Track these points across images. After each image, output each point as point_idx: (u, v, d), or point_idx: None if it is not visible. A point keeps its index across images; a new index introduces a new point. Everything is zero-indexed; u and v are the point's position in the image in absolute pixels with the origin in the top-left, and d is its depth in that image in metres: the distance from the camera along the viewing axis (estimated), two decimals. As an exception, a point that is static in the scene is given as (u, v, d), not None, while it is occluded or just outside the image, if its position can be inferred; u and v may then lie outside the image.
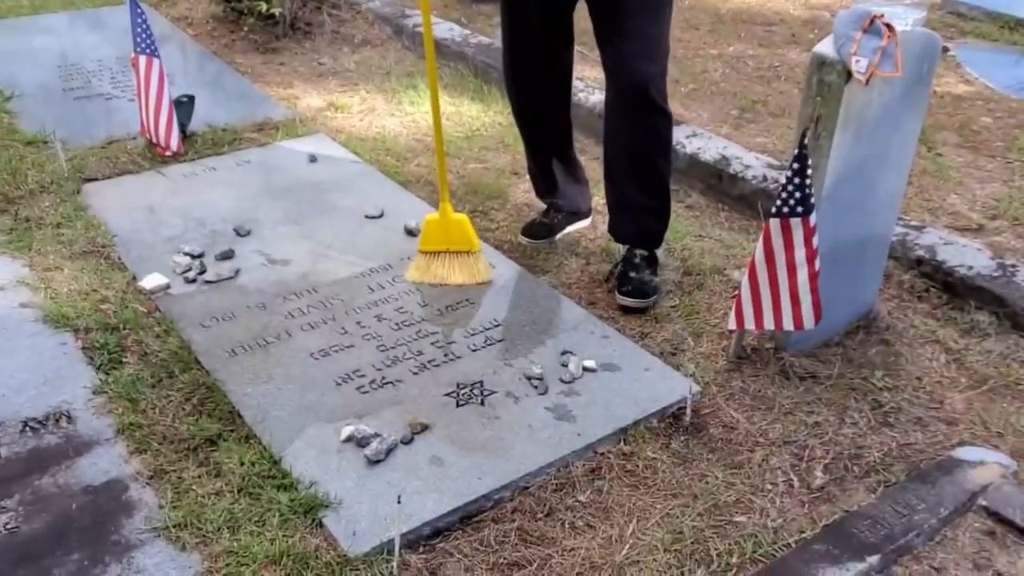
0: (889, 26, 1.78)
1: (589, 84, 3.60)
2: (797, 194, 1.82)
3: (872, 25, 1.78)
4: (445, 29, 4.21)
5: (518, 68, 2.44)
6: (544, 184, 2.65)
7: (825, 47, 1.84)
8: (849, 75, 1.81)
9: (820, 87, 1.85)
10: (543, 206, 2.72)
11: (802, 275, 1.92)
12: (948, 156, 3.32)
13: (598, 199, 2.84)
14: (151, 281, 2.34)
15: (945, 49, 4.62)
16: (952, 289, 2.37)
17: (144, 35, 2.92)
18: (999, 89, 4.09)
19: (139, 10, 2.91)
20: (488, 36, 4.34)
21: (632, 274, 2.35)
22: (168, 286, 2.34)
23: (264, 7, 4.13)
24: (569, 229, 2.70)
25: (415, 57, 4.19)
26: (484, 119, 3.55)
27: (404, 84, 3.84)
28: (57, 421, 1.87)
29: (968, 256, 2.41)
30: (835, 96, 1.84)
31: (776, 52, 4.46)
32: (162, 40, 3.93)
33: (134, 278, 2.37)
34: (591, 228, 2.74)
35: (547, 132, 2.54)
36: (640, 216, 2.38)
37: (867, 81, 1.80)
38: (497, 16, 4.80)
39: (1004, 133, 3.56)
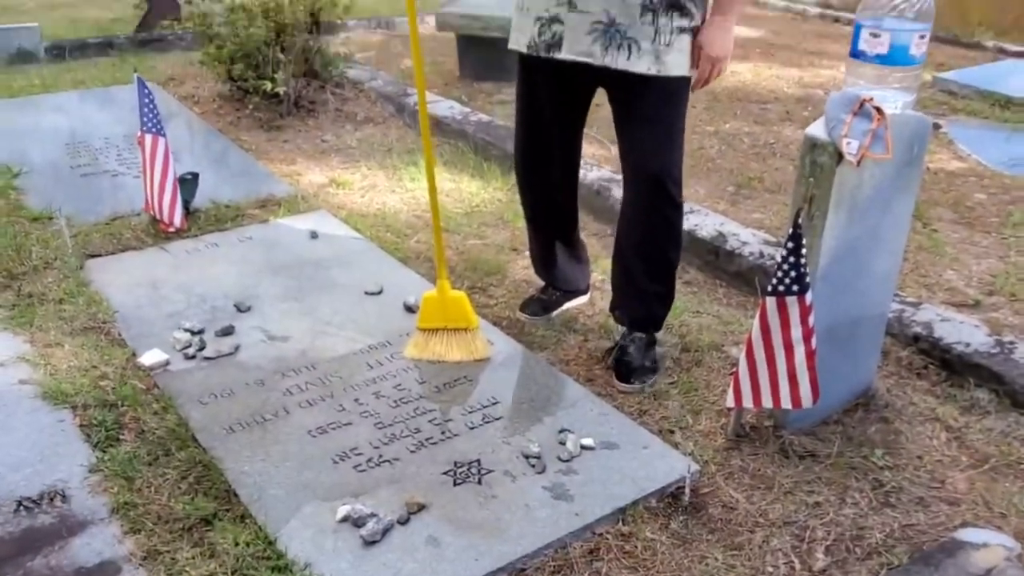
0: (879, 109, 1.82)
1: (588, 161, 3.66)
2: (792, 273, 1.84)
3: (862, 108, 1.83)
4: (446, 107, 4.30)
5: (530, 166, 2.49)
6: (545, 264, 2.67)
7: (817, 129, 1.89)
8: (841, 157, 1.85)
9: (813, 168, 1.89)
10: (541, 282, 2.74)
11: (799, 354, 1.93)
12: (943, 232, 3.35)
13: (596, 275, 2.86)
14: (150, 358, 2.35)
15: (937, 126, 4.71)
16: (950, 366, 2.37)
17: (150, 114, 2.99)
18: (991, 165, 4.15)
19: (146, 90, 2.98)
20: (488, 114, 4.43)
21: (631, 356, 2.37)
22: (167, 362, 2.35)
23: (269, 86, 4.23)
24: (567, 306, 2.72)
25: (416, 134, 4.28)
26: (483, 195, 3.60)
27: (405, 161, 3.91)
28: (51, 500, 1.85)
29: (965, 333, 2.41)
30: (827, 177, 1.87)
31: (771, 129, 4.55)
32: (169, 118, 4.03)
33: (134, 354, 2.38)
34: (589, 304, 2.76)
35: (554, 220, 2.59)
36: (645, 301, 2.41)
37: (858, 163, 1.83)
38: (497, 94, 4.93)
39: (998, 209, 3.61)
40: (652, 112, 2.20)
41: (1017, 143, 4.50)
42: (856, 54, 1.87)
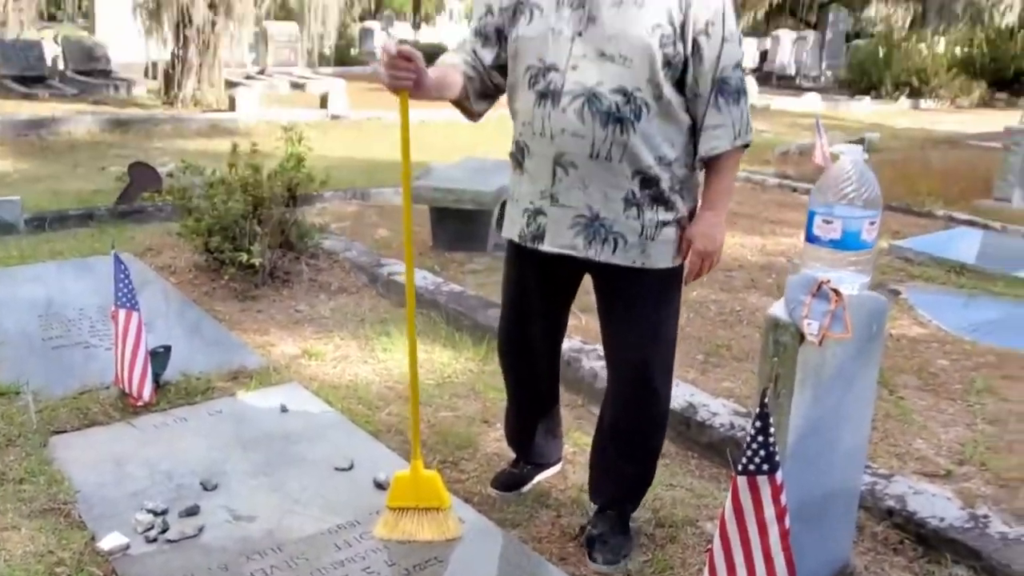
0: (836, 291, 1.89)
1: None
2: (762, 452, 1.85)
3: (820, 290, 1.90)
4: (419, 277, 4.38)
5: (514, 351, 2.50)
6: (520, 441, 2.66)
7: (778, 310, 1.95)
8: (803, 337, 1.90)
9: (776, 347, 1.93)
10: (513, 455, 2.72)
11: (773, 533, 1.91)
12: (910, 399, 3.40)
13: (568, 447, 2.85)
14: (110, 542, 2.27)
15: (897, 292, 4.86)
16: (926, 541, 2.35)
17: (125, 289, 3.02)
18: (951, 331, 4.27)
19: (122, 266, 3.03)
20: (460, 284, 4.52)
21: (605, 535, 2.33)
22: (128, 546, 2.27)
23: (245, 257, 4.30)
24: (539, 478, 2.69)
25: (389, 304, 4.34)
26: (456, 366, 3.62)
27: (377, 331, 3.94)
28: None
29: (939, 507, 2.41)
30: (791, 356, 1.92)
31: (737, 296, 4.66)
32: (145, 288, 4.06)
33: (93, 538, 2.30)
34: (561, 477, 2.73)
35: (537, 403, 2.59)
36: (623, 483, 2.40)
37: (820, 343, 1.89)
38: (469, 263, 5.05)
39: (961, 375, 3.68)
40: (638, 304, 2.20)
41: (974, 308, 4.64)
42: (811, 239, 1.96)
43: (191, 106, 11.26)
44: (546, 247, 2.19)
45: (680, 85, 2.09)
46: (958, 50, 21.28)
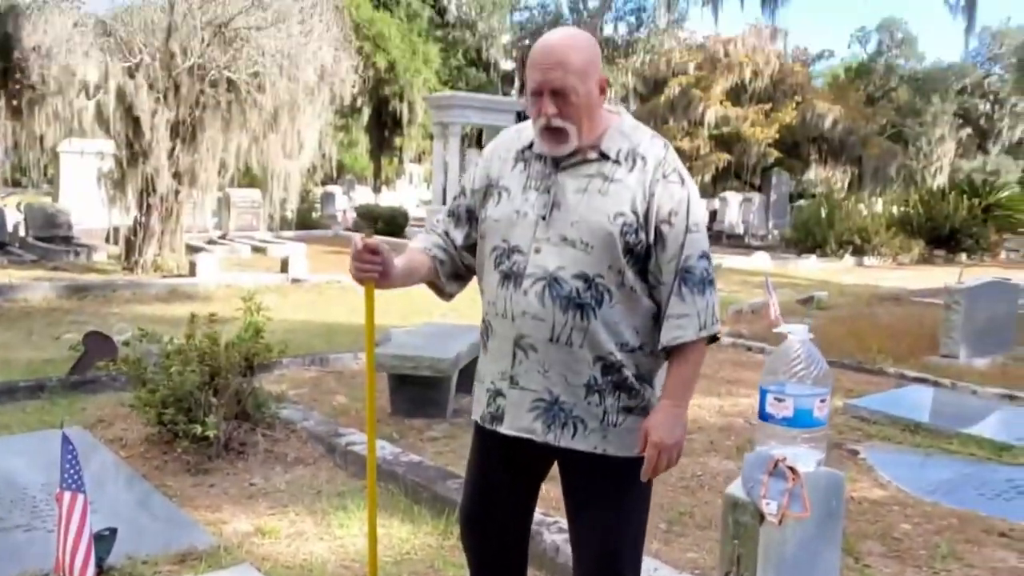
0: (792, 469, 1.90)
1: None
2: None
3: (776, 469, 1.91)
4: (376, 447, 4.31)
5: (478, 531, 2.37)
6: None
7: (736, 489, 1.95)
8: (763, 516, 1.89)
9: (737, 528, 1.92)
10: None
11: None
12: (875, 568, 3.36)
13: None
14: None
15: (855, 452, 4.89)
16: None
17: (72, 471, 2.93)
18: (912, 492, 4.27)
19: (69, 446, 2.95)
20: (419, 452, 4.46)
21: None
22: None
23: (200, 430, 4.22)
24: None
25: (346, 475, 4.25)
26: (414, 541, 3.52)
27: (335, 505, 3.85)
28: None
29: None
30: (752, 536, 1.90)
31: (697, 460, 4.65)
32: (93, 463, 3.94)
33: None
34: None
35: None
36: None
37: (780, 522, 1.88)
38: (428, 431, 5.01)
39: (925, 540, 3.66)
40: (602, 495, 2.12)
41: (932, 468, 4.67)
42: (764, 417, 1.99)
43: (151, 271, 11.31)
44: (505, 429, 2.14)
45: (644, 273, 2.08)
46: (895, 210, 22.40)
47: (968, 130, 45.07)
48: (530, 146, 2.17)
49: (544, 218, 2.08)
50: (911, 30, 51.29)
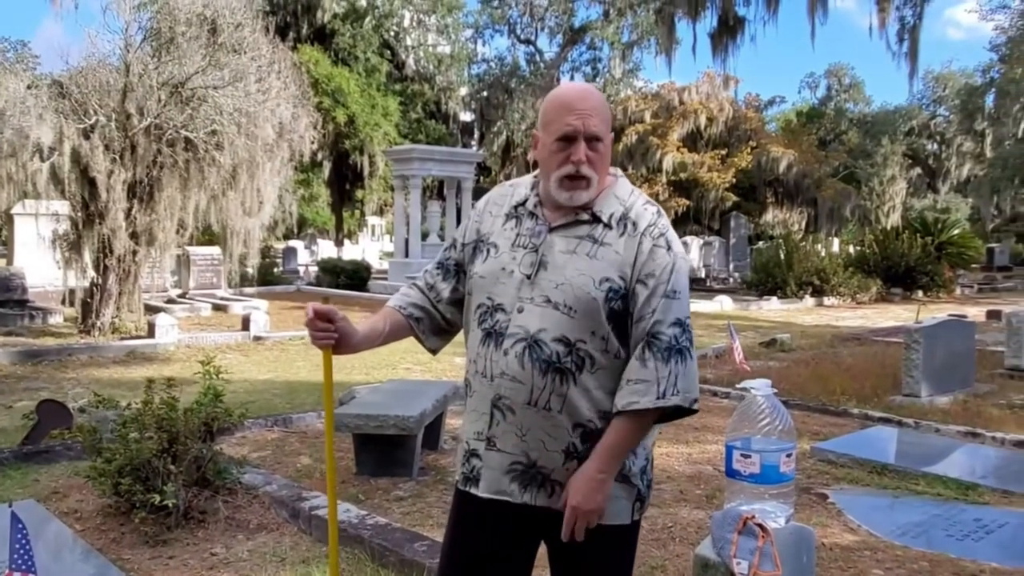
0: (762, 527, 1.88)
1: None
2: None
3: (746, 526, 1.88)
4: (342, 510, 4.22)
5: None
6: None
7: (706, 549, 1.92)
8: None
9: (708, 589, 1.89)
10: None
11: None
12: (849, 616, 3.33)
13: None
14: None
15: (824, 496, 4.88)
16: None
17: (21, 550, 2.81)
18: (882, 536, 4.27)
19: (19, 524, 2.84)
20: (385, 513, 4.37)
21: None
22: None
23: (158, 499, 4.10)
24: None
25: (311, 541, 4.14)
26: (382, 608, 3.42)
27: (299, 573, 3.74)
28: None
29: None
30: (724, 597, 1.87)
31: (667, 511, 4.61)
32: (46, 538, 3.80)
33: None
34: None
35: None
36: None
37: (751, 582, 1.85)
38: (394, 490, 4.92)
39: (897, 586, 3.64)
40: (584, 563, 2.05)
41: (901, 510, 4.67)
42: (731, 473, 1.97)
43: (109, 334, 11.11)
44: (481, 492, 2.06)
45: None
46: (852, 249, 22.82)
47: (918, 170, 46.34)
48: (524, 202, 2.13)
49: (529, 277, 2.02)
50: (858, 75, 52.80)
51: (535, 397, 1.98)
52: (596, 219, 2.04)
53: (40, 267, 14.14)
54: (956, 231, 23.81)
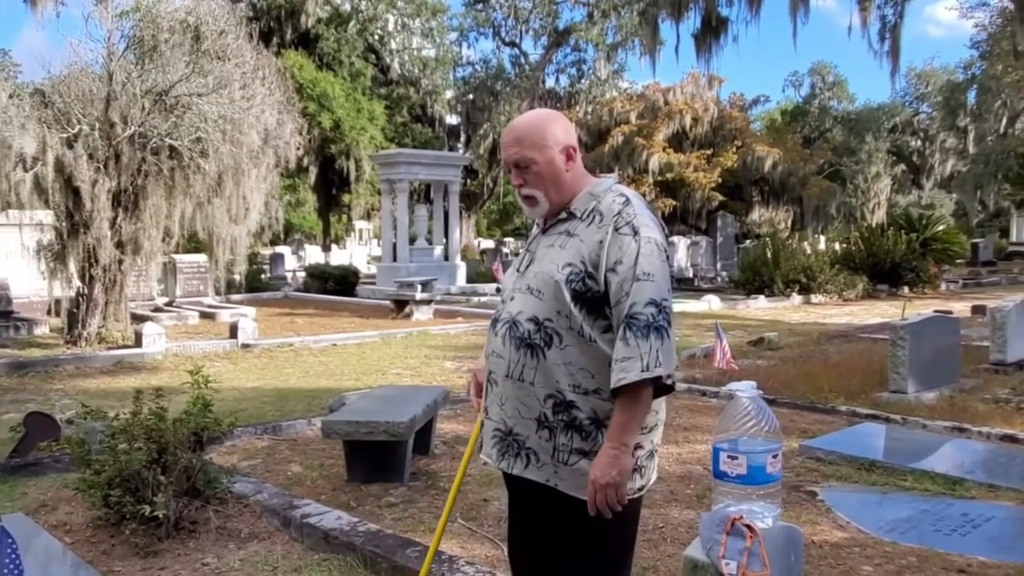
0: (750, 527, 1.89)
1: (480, 568, 3.59)
2: None
3: (734, 527, 1.90)
4: (333, 518, 4.22)
5: (513, 559, 2.48)
6: None
7: (695, 550, 1.94)
8: (722, 576, 1.88)
9: (698, 590, 1.90)
10: None
11: None
12: (840, 614, 3.35)
13: None
14: None
15: (813, 494, 4.91)
16: None
17: (12, 566, 2.81)
18: (871, 532, 4.29)
19: (9, 539, 2.83)
20: (377, 519, 4.37)
21: None
22: None
23: (148, 510, 4.09)
24: None
25: (303, 549, 4.14)
26: (375, 615, 3.43)
27: (291, 582, 3.74)
28: None
29: None
30: (714, 598, 1.88)
31: (658, 512, 4.62)
32: (35, 551, 3.78)
33: None
34: None
35: None
36: None
37: (740, 582, 1.87)
38: (385, 496, 4.92)
39: (886, 583, 3.66)
40: (556, 531, 2.19)
41: (889, 507, 4.70)
42: (719, 475, 1.98)
43: (96, 344, 11.05)
44: (482, 455, 2.38)
45: (600, 320, 2.20)
46: (838, 247, 22.93)
47: (902, 166, 46.61)
48: None
49: (519, 271, 2.35)
50: (841, 73, 53.09)
51: (511, 370, 2.24)
52: (572, 215, 2.30)
53: (25, 278, 14.05)
54: (941, 227, 23.93)
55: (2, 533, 2.84)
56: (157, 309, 15.21)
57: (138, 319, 12.43)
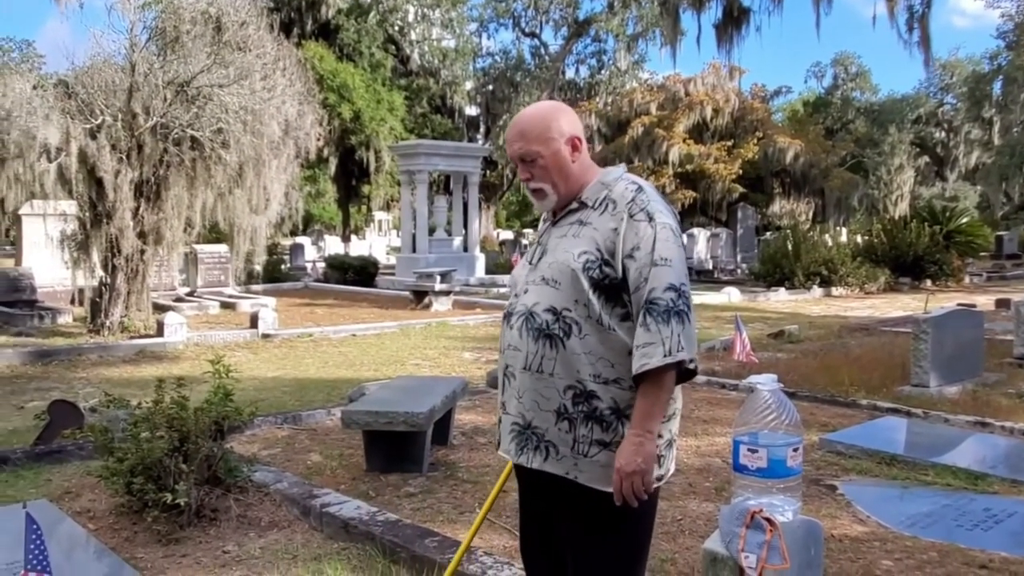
0: (770, 520, 1.89)
1: (499, 558, 3.60)
2: None
3: (754, 521, 1.89)
4: (352, 508, 4.25)
5: (525, 553, 2.48)
6: None
7: (715, 543, 1.93)
8: (742, 570, 1.87)
9: (717, 583, 1.90)
10: None
11: None
12: (859, 608, 3.33)
13: None
14: None
15: (833, 488, 4.88)
16: None
17: (36, 551, 2.85)
18: (892, 527, 4.27)
19: (34, 526, 2.87)
20: (395, 509, 4.39)
21: None
22: None
23: (170, 498, 4.13)
24: None
25: (322, 538, 4.17)
26: (394, 604, 3.44)
27: (311, 570, 3.76)
28: None
29: None
30: (733, 591, 1.88)
31: (676, 504, 4.62)
32: (59, 537, 3.83)
33: None
34: None
35: None
36: None
37: (759, 575, 1.86)
38: (404, 486, 4.94)
39: (907, 577, 3.64)
40: (578, 523, 2.18)
41: (910, 501, 4.67)
42: (739, 468, 1.98)
43: (118, 333, 11.15)
44: (500, 451, 2.35)
45: (619, 308, 2.18)
46: (860, 239, 22.74)
47: (925, 158, 46.11)
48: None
49: (532, 263, 2.34)
50: (864, 64, 52.55)
51: (529, 362, 2.22)
52: (583, 205, 2.30)
53: (48, 267, 14.19)
54: (964, 219, 23.70)
55: (28, 520, 2.88)
56: (178, 299, 15.33)
57: (160, 309, 12.53)
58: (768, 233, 28.64)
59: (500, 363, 2.36)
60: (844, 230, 27.79)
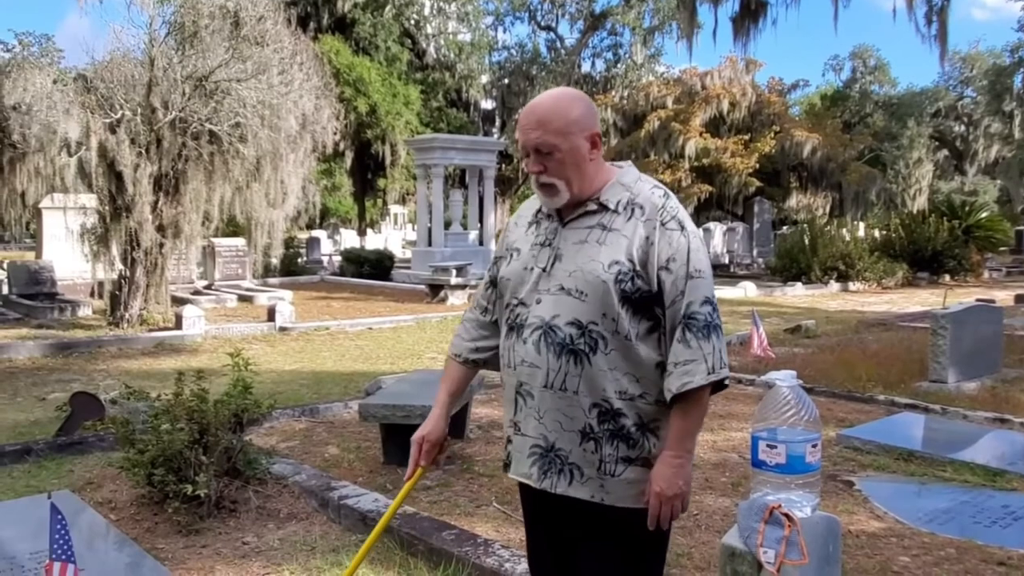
0: (788, 516, 1.90)
1: (516, 551, 3.62)
2: None
3: (772, 516, 1.90)
4: (370, 500, 4.28)
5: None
6: None
7: (733, 538, 1.94)
8: (761, 565, 1.88)
9: (735, 578, 1.91)
10: None
11: None
12: (876, 604, 3.33)
13: None
14: None
15: (850, 484, 4.88)
16: None
17: (61, 540, 2.89)
18: (909, 523, 4.26)
19: (58, 515, 2.91)
20: (413, 503, 4.42)
21: None
22: None
23: (190, 489, 4.17)
24: None
25: (340, 530, 4.20)
26: (411, 596, 3.47)
27: (329, 561, 3.80)
28: None
29: None
30: (751, 586, 1.89)
31: (693, 499, 4.57)
32: (82, 527, 3.88)
33: None
34: None
35: None
36: None
37: (778, 571, 1.87)
38: (422, 479, 4.92)
39: (924, 572, 3.65)
40: (603, 546, 2.09)
41: (927, 497, 4.66)
42: (757, 464, 1.98)
43: (137, 326, 11.25)
44: (511, 475, 2.21)
45: (646, 321, 2.08)
46: (877, 234, 22.60)
47: (944, 152, 45.73)
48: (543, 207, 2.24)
49: (545, 270, 2.12)
50: (883, 56, 52.14)
51: (551, 380, 2.07)
52: (604, 207, 2.12)
53: (69, 260, 14.34)
54: (984, 214, 23.50)
55: (53, 510, 2.92)
56: (196, 292, 15.43)
57: (178, 302, 12.63)
58: (785, 227, 28.52)
59: (509, 380, 2.17)
60: (862, 224, 27.62)
